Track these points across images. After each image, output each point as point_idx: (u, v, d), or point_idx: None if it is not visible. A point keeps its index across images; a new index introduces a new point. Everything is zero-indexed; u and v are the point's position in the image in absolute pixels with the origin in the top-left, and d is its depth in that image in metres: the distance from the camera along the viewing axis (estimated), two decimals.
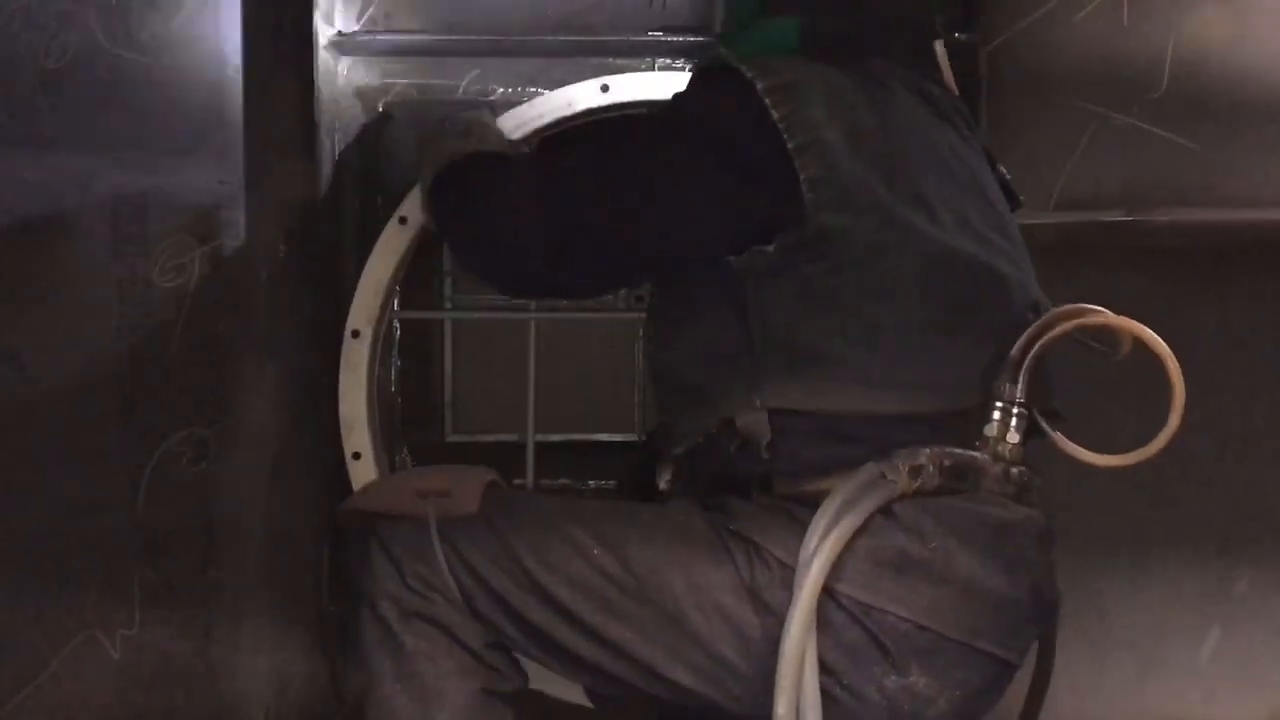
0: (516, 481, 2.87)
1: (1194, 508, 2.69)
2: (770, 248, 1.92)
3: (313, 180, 2.63)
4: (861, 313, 1.91)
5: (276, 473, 2.49)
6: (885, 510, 1.87)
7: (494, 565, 1.95)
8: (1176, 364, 1.82)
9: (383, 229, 2.47)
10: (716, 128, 1.97)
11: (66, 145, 2.41)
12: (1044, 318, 1.92)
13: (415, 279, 2.94)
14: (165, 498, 2.44)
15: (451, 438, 3.03)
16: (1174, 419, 1.82)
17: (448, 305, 3.28)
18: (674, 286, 2.05)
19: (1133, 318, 1.87)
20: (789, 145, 1.91)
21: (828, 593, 1.85)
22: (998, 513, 1.90)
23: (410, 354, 3.00)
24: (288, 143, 2.52)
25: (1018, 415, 1.91)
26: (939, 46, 2.19)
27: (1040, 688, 2.06)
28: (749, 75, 1.95)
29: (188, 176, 2.44)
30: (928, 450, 1.88)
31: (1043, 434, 1.94)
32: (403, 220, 2.45)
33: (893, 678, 1.88)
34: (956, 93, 2.19)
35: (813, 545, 1.84)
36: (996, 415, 1.91)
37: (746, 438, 1.93)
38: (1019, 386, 1.90)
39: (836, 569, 1.84)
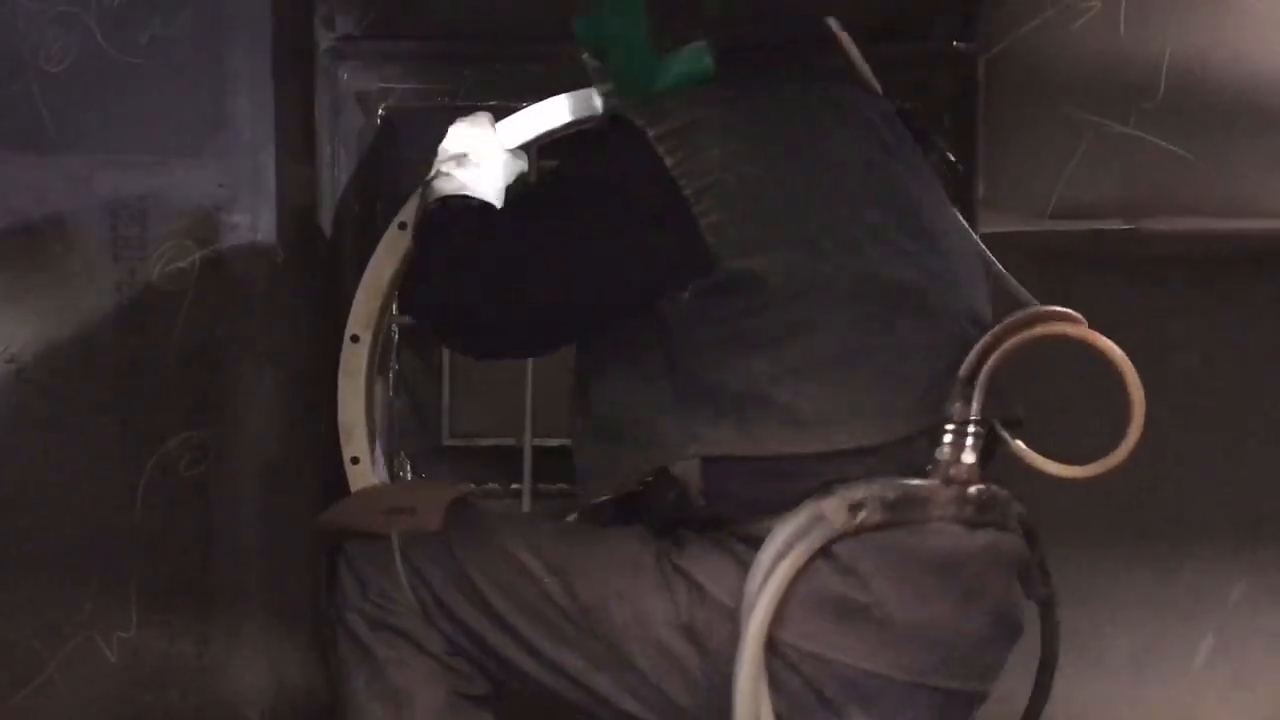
0: (514, 486, 2.87)
1: (1188, 514, 2.69)
2: (686, 293, 1.87)
3: (312, 184, 2.64)
4: (784, 352, 1.84)
5: (274, 476, 2.50)
6: (825, 551, 1.80)
7: (451, 585, 1.95)
8: (1135, 375, 1.77)
9: (382, 234, 2.47)
10: (615, 182, 1.92)
11: (67, 148, 2.41)
12: (994, 331, 1.84)
13: None
14: (163, 501, 2.45)
15: (449, 441, 3.02)
16: (1134, 431, 1.76)
17: None
18: (603, 335, 2.00)
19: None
20: (685, 191, 1.86)
21: (766, 640, 1.80)
22: (946, 544, 1.83)
23: (409, 358, 2.99)
24: (287, 147, 2.53)
25: (973, 434, 1.83)
26: (834, 24, 2.10)
27: (1042, 690, 2.03)
28: (639, 124, 1.91)
29: (187, 180, 2.44)
30: (868, 485, 1.81)
31: (1004, 444, 1.88)
32: (402, 225, 2.45)
33: None
34: (869, 74, 2.10)
35: (753, 589, 1.80)
36: (948, 437, 1.83)
37: (683, 486, 1.87)
38: (972, 405, 1.83)
39: (776, 616, 1.79)
